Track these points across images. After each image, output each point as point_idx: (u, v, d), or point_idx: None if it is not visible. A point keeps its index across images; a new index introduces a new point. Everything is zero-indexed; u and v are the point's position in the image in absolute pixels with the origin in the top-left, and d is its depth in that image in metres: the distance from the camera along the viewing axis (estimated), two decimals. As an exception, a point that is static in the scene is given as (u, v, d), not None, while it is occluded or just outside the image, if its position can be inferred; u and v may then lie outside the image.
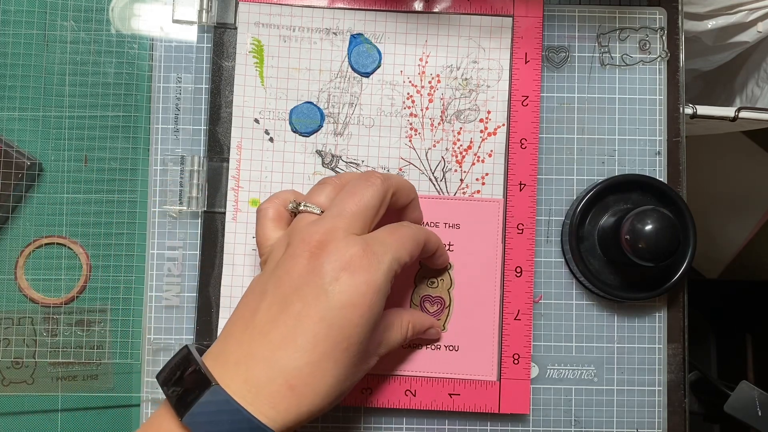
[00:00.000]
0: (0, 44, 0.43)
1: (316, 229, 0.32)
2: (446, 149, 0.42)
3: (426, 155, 0.42)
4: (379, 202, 0.34)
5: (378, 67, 0.42)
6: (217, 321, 0.41)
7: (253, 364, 0.30)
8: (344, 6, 0.42)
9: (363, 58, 0.42)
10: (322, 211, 0.34)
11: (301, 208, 0.35)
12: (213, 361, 0.31)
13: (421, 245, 0.36)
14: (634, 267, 0.39)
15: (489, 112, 0.42)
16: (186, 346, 0.32)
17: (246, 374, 0.30)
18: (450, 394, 0.41)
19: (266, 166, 0.42)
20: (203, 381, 0.30)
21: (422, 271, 0.42)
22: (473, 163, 0.42)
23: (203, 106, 0.42)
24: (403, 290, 0.42)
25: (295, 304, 0.31)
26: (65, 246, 0.42)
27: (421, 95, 0.42)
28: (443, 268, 0.41)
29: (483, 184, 0.42)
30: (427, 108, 0.42)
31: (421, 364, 0.41)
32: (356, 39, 0.42)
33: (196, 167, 0.42)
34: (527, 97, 0.42)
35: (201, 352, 0.33)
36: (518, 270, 0.41)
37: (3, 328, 0.42)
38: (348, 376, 0.32)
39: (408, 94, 0.42)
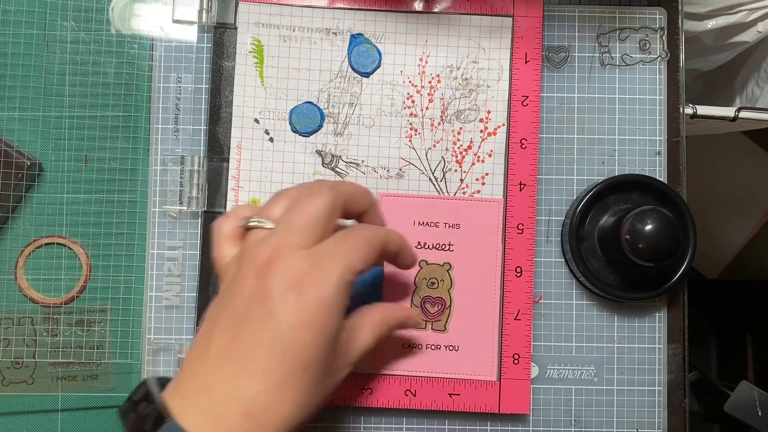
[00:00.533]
0: (0, 44, 0.43)
1: (265, 246, 0.31)
2: (446, 149, 0.42)
3: (426, 155, 0.42)
4: (328, 211, 0.33)
5: (378, 67, 0.42)
6: (217, 321, 0.41)
7: (211, 395, 0.29)
8: (344, 6, 0.42)
9: (363, 58, 0.42)
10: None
11: (252, 223, 0.33)
12: (172, 394, 0.30)
13: (379, 247, 0.34)
14: (634, 267, 0.39)
15: (489, 112, 0.42)
16: (146, 379, 0.31)
17: (204, 406, 0.29)
18: (450, 394, 0.41)
19: (266, 166, 0.42)
20: (159, 416, 0.29)
21: (422, 272, 0.42)
22: (473, 163, 0.42)
23: (203, 106, 0.42)
24: (403, 292, 0.42)
25: (246, 329, 0.30)
26: (65, 246, 0.42)
27: (421, 95, 0.42)
28: (445, 268, 0.41)
29: (483, 184, 0.42)
30: (427, 108, 0.42)
31: (421, 364, 0.41)
32: (356, 39, 0.42)
33: (196, 167, 0.42)
34: (527, 97, 0.42)
35: (168, 382, 0.32)
36: (518, 270, 0.41)
37: (3, 328, 0.42)
38: (311, 396, 0.31)
39: (408, 94, 0.42)
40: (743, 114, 0.52)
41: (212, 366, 0.30)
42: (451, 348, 0.41)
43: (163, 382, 0.31)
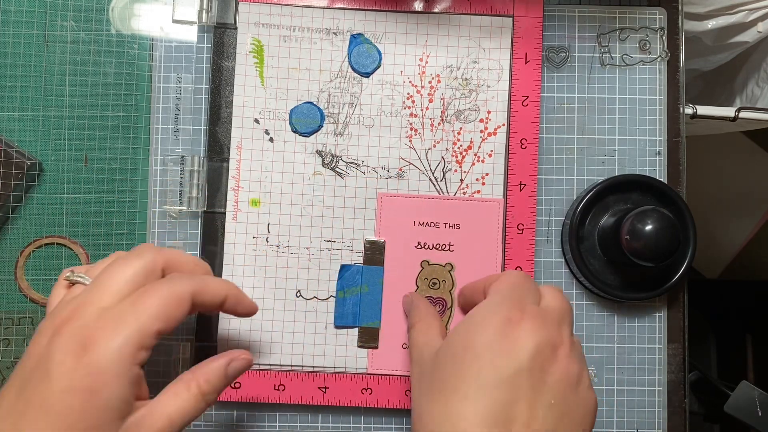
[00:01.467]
0: (0, 44, 0.43)
1: (70, 304, 0.31)
2: (446, 149, 0.42)
3: (426, 155, 0.42)
4: (140, 275, 0.31)
5: (378, 67, 0.42)
6: (217, 321, 0.41)
7: None
8: (344, 6, 0.42)
9: (363, 58, 0.42)
10: None
11: (73, 278, 0.33)
12: None
13: (184, 301, 0.31)
14: (634, 267, 0.39)
15: (489, 112, 0.42)
16: None
17: None
18: (450, 394, 0.41)
19: (266, 166, 0.42)
20: None
21: (424, 273, 0.42)
22: (473, 163, 0.42)
23: (203, 106, 0.42)
24: (400, 294, 0.42)
25: (26, 389, 0.29)
26: (65, 246, 0.42)
27: (421, 95, 0.42)
28: (446, 269, 0.41)
29: (483, 184, 0.42)
30: (427, 108, 0.42)
31: (421, 364, 0.41)
32: (356, 39, 0.42)
33: (196, 167, 0.42)
34: (527, 97, 0.42)
35: None
36: (518, 270, 0.41)
37: (3, 328, 0.42)
38: None
39: (408, 94, 0.42)
40: (743, 114, 0.52)
41: (1, 421, 0.29)
42: (451, 348, 0.41)
43: None
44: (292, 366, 0.41)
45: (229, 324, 0.41)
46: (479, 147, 0.42)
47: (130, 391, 0.29)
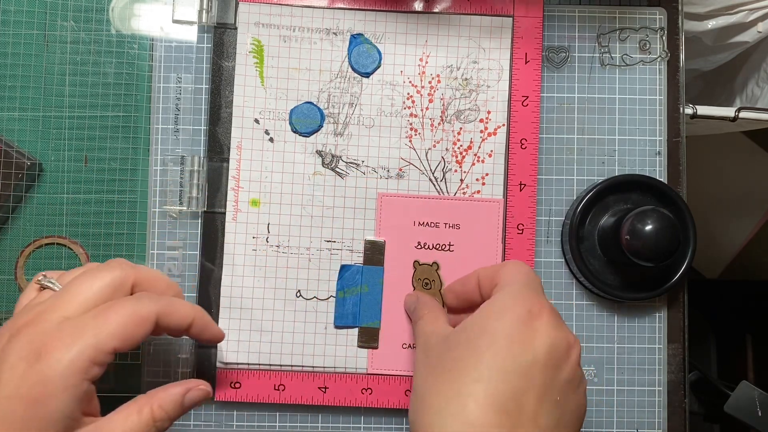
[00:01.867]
0: (0, 44, 0.43)
1: (34, 309, 0.30)
2: (446, 149, 0.42)
3: (426, 155, 0.42)
4: (108, 289, 0.31)
5: (378, 67, 0.42)
6: (217, 321, 0.41)
7: None
8: (344, 6, 0.42)
9: (363, 58, 0.42)
10: None
11: (43, 282, 0.33)
12: None
13: (149, 321, 0.31)
14: (634, 267, 0.39)
15: (489, 112, 0.42)
16: None
17: None
18: (450, 394, 0.41)
19: (266, 166, 0.42)
20: None
21: (417, 273, 0.42)
22: (473, 164, 0.42)
23: (203, 106, 0.42)
24: (400, 294, 0.41)
25: None
26: (65, 246, 0.43)
27: (421, 95, 0.42)
28: (433, 268, 0.41)
29: (483, 184, 0.42)
30: (427, 108, 0.42)
31: (421, 364, 0.41)
32: (356, 39, 0.42)
33: (196, 167, 0.42)
34: (527, 97, 0.42)
35: None
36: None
37: (3, 328, 0.42)
38: None
39: (408, 94, 0.42)
40: (743, 114, 0.52)
41: None
42: (451, 348, 0.41)
43: None
44: (292, 366, 0.41)
45: (228, 325, 0.41)
46: (479, 147, 0.42)
47: (77, 406, 0.29)
